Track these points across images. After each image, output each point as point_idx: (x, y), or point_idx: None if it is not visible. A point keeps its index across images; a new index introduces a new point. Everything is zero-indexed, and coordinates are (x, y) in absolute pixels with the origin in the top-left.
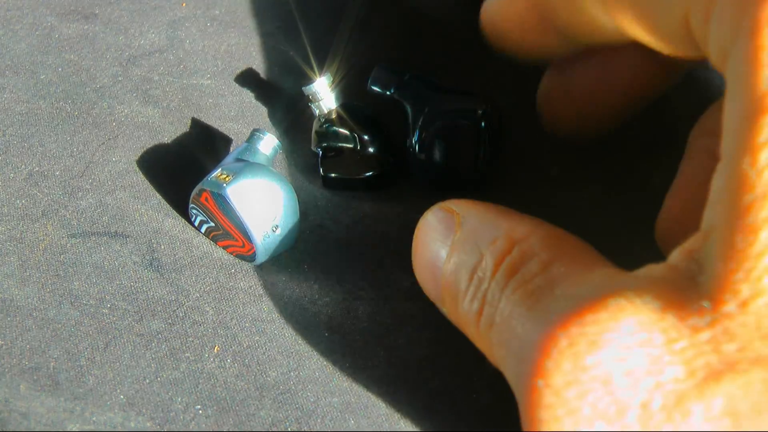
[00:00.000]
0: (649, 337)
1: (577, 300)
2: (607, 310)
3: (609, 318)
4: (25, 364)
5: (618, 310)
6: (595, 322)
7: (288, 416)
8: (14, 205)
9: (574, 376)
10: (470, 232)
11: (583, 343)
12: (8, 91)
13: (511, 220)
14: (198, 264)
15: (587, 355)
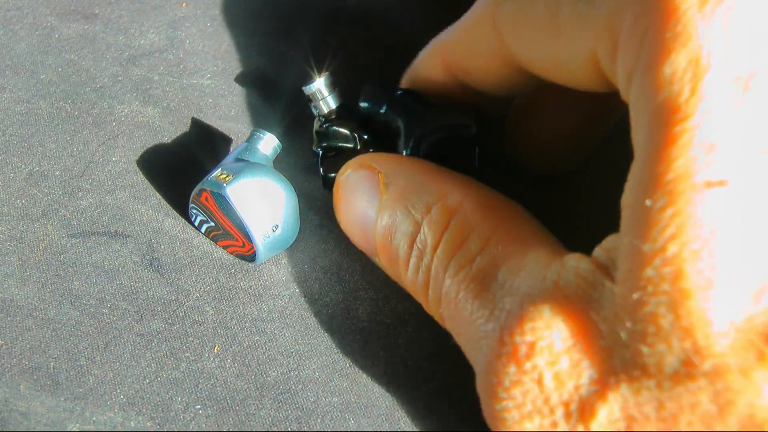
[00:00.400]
0: (574, 343)
1: (519, 297)
2: (542, 318)
3: (544, 327)
4: (25, 364)
5: (552, 317)
6: (532, 330)
7: (288, 416)
8: (14, 205)
9: (517, 378)
10: (400, 195)
11: (524, 350)
12: (8, 91)
13: (441, 182)
14: (198, 264)
15: (526, 361)
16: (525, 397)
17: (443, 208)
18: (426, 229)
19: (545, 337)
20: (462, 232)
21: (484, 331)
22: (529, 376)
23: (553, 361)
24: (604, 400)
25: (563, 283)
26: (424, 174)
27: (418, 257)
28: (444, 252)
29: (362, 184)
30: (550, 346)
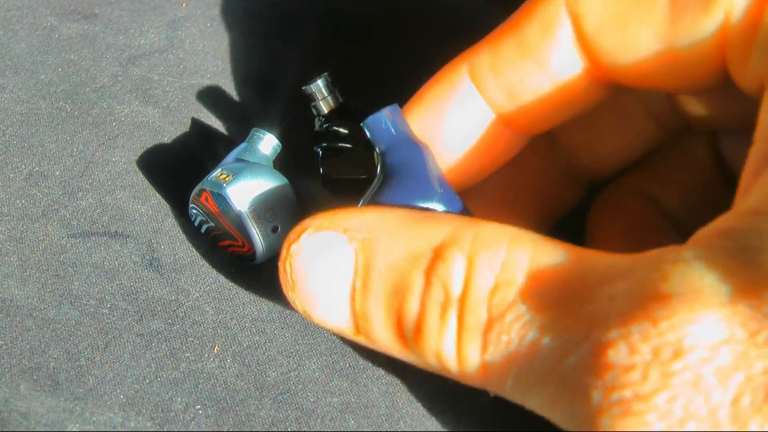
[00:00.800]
0: (731, 333)
1: (624, 303)
2: (678, 313)
3: (684, 321)
4: (25, 364)
5: (689, 311)
6: (672, 328)
7: (288, 416)
8: (14, 205)
9: (663, 383)
10: (386, 251)
11: (668, 352)
12: (8, 91)
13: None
14: (198, 264)
15: (674, 362)
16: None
17: (459, 252)
18: (446, 280)
19: (692, 333)
20: (498, 273)
21: (585, 351)
22: (680, 377)
23: (711, 356)
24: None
25: (677, 277)
26: (408, 219)
27: (441, 312)
28: (480, 299)
29: (324, 251)
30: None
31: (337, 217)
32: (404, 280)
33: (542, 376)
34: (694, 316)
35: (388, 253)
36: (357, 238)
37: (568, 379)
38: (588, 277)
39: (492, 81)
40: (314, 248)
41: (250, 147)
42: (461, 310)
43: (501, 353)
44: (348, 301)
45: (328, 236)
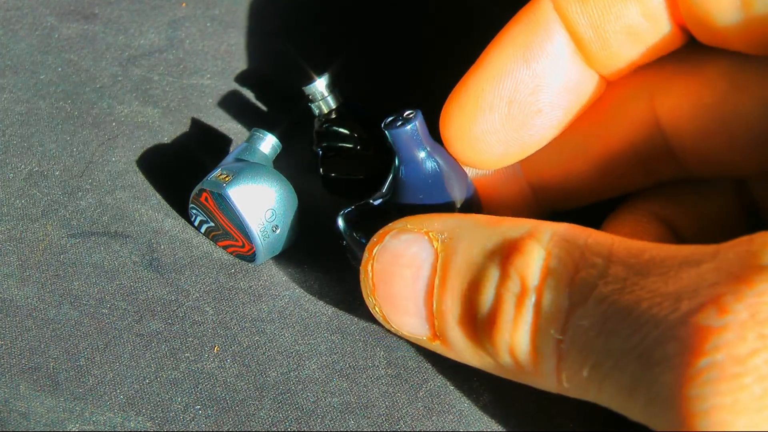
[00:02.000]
0: None
1: (715, 275)
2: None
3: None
4: (24, 364)
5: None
6: (760, 293)
7: (288, 416)
8: (14, 205)
9: (762, 344)
10: (466, 248)
11: (765, 311)
12: (8, 91)
13: (508, 222)
14: (198, 264)
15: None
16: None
17: (538, 244)
18: (523, 272)
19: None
20: (576, 262)
21: (674, 319)
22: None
23: None
24: None
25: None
26: (487, 221)
27: (518, 304)
28: (559, 287)
29: (407, 250)
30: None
31: (419, 220)
32: (481, 275)
33: (622, 358)
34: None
35: (467, 251)
36: (438, 238)
37: (651, 355)
38: (672, 261)
39: (578, 10)
40: (397, 249)
41: (250, 147)
42: (538, 299)
43: (579, 341)
44: (426, 302)
45: (411, 237)
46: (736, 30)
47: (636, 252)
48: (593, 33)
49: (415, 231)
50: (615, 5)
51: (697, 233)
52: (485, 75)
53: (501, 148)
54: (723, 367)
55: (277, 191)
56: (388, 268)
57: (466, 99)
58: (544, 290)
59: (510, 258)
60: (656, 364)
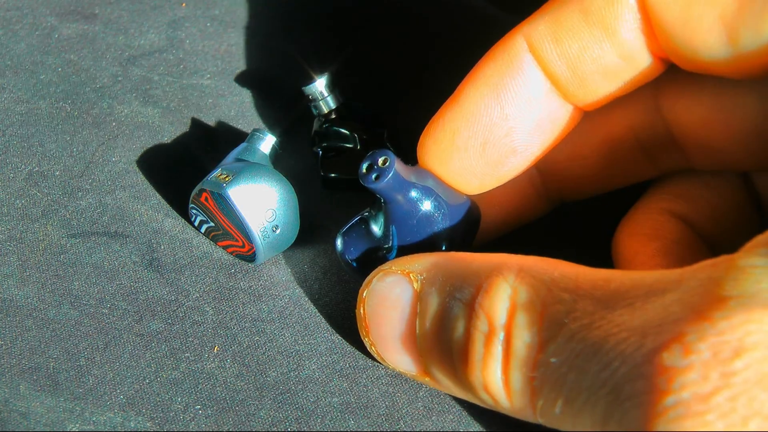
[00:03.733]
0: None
1: (679, 309)
2: (736, 314)
3: (745, 321)
4: (24, 364)
5: (748, 312)
6: (731, 329)
7: (288, 416)
8: (14, 205)
9: (724, 382)
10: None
11: (728, 351)
12: (8, 91)
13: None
14: (198, 264)
15: (735, 361)
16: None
17: (504, 281)
18: (490, 309)
19: (753, 332)
20: (542, 299)
21: (639, 357)
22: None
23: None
24: None
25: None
26: (458, 259)
27: (487, 341)
28: (527, 323)
29: (391, 292)
30: (765, 340)
31: (402, 262)
32: (452, 315)
33: (593, 393)
34: (754, 316)
35: (440, 291)
36: (417, 279)
37: (620, 390)
38: (636, 292)
39: (553, 51)
40: (383, 291)
41: (250, 147)
42: (507, 338)
43: (551, 378)
44: (411, 342)
45: (395, 279)
46: (723, 63)
47: (602, 283)
48: (570, 74)
49: (398, 273)
50: (590, 47)
51: (714, 228)
52: (460, 114)
53: (477, 182)
54: (688, 405)
55: (278, 191)
56: (376, 310)
57: (442, 136)
58: (513, 328)
59: (477, 298)
60: (626, 399)
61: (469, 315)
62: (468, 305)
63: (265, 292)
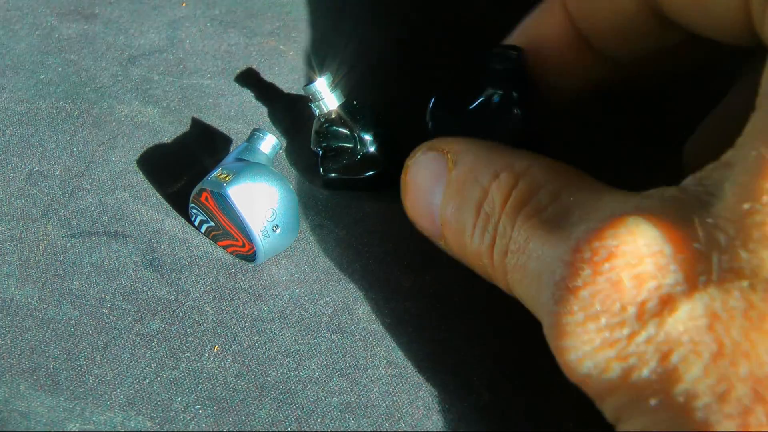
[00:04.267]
0: (660, 249)
1: (596, 221)
2: (626, 226)
3: (627, 233)
4: (25, 364)
5: (635, 226)
6: (614, 236)
7: (288, 416)
8: (14, 205)
9: (591, 279)
10: (468, 170)
11: (603, 253)
12: (8, 91)
13: (508, 155)
14: (198, 264)
15: (605, 262)
16: (594, 298)
17: (511, 173)
18: (494, 193)
19: (629, 242)
20: (531, 189)
21: (556, 255)
22: (605, 276)
23: (636, 263)
24: (689, 298)
25: (647, 205)
26: (491, 150)
27: (484, 220)
28: (512, 207)
29: (430, 165)
30: (634, 251)
31: (442, 141)
32: (470, 191)
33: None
34: (638, 230)
35: (464, 169)
36: (452, 158)
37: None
38: (586, 203)
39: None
40: (423, 164)
41: (251, 147)
42: (496, 224)
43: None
44: (439, 208)
45: (435, 155)
46: None
47: (558, 190)
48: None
49: (438, 150)
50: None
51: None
52: None
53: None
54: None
55: (278, 191)
56: (415, 179)
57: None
58: (502, 217)
59: (492, 183)
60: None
61: (480, 198)
62: (483, 189)
63: (265, 292)
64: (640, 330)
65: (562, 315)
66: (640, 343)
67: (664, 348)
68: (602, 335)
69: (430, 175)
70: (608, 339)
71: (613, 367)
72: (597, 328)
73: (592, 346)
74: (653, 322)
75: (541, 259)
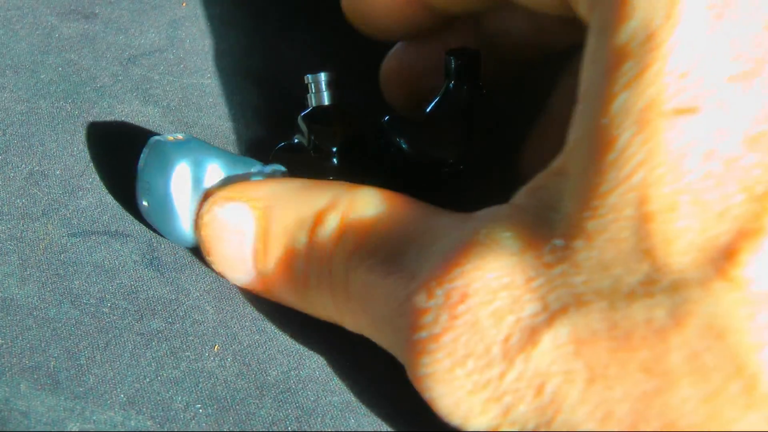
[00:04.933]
0: (512, 279)
1: (439, 255)
2: (471, 261)
3: (473, 268)
4: (25, 363)
5: (479, 258)
6: (461, 275)
7: (288, 415)
8: (14, 205)
9: (449, 324)
10: (281, 217)
11: (455, 296)
12: (8, 91)
13: (318, 190)
14: (198, 263)
15: (459, 305)
16: (457, 343)
17: (333, 211)
18: (322, 237)
19: (477, 278)
20: (358, 229)
21: (404, 296)
22: (463, 319)
23: (490, 299)
24: (550, 327)
25: (485, 231)
26: (300, 189)
27: (318, 268)
28: (344, 252)
29: (232, 218)
30: (485, 286)
31: (241, 188)
32: (294, 242)
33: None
34: (484, 263)
35: (281, 219)
36: (258, 206)
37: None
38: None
39: None
40: (224, 217)
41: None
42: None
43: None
44: (253, 264)
45: (235, 206)
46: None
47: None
48: None
49: (238, 200)
50: None
51: None
52: None
53: None
54: (425, 343)
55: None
56: (218, 233)
57: None
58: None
59: (314, 228)
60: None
61: (308, 243)
62: (307, 237)
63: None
64: (509, 368)
65: (428, 365)
66: (512, 380)
67: (536, 382)
68: (472, 379)
69: (236, 230)
70: (480, 381)
71: (490, 407)
72: (466, 372)
73: (465, 390)
74: (520, 357)
75: (388, 306)
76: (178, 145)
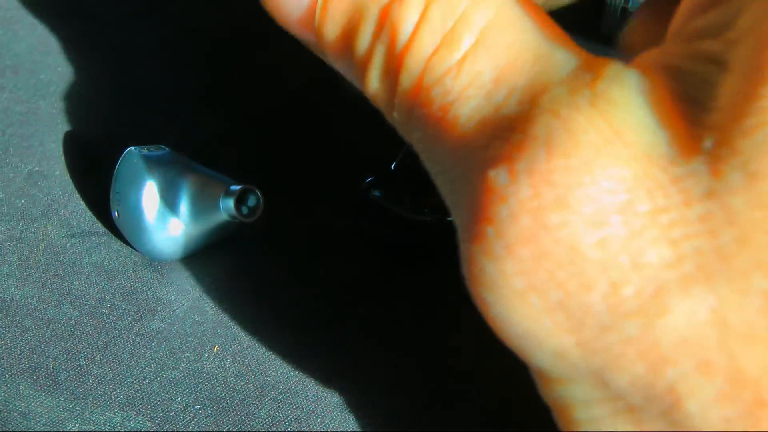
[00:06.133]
0: (631, 200)
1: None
2: (581, 155)
3: (583, 169)
4: (24, 364)
5: (594, 157)
6: (566, 170)
7: (288, 416)
8: (14, 205)
9: (533, 233)
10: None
11: (551, 199)
12: (8, 91)
13: None
14: (198, 263)
15: (553, 213)
16: (538, 263)
17: None
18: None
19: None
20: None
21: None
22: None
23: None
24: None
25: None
26: None
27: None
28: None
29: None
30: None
31: None
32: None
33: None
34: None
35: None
36: None
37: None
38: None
39: None
40: None
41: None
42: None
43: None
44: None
45: None
46: None
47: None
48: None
49: None
50: None
51: None
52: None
53: None
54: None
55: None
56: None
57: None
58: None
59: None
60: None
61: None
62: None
63: (265, 292)
64: None
65: (488, 273)
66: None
67: None
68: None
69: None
70: None
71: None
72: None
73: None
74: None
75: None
76: (151, 160)
